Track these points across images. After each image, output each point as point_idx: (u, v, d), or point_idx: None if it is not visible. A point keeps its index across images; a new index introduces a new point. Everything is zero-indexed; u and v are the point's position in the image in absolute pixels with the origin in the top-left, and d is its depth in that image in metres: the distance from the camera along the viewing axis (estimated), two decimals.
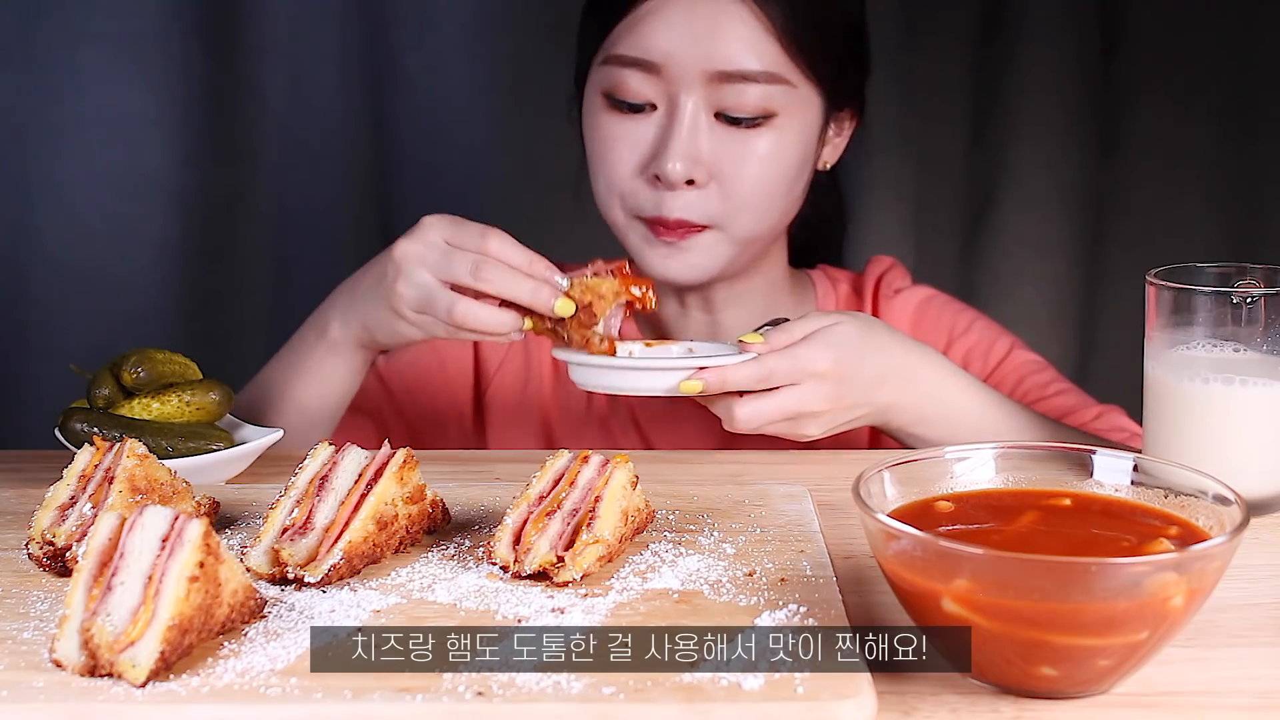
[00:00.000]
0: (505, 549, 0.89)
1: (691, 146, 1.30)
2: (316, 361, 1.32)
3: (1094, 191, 2.16)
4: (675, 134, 1.30)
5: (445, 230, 1.19)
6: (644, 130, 1.33)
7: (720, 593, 0.86)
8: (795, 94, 1.33)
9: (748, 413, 1.16)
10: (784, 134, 1.33)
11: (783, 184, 1.35)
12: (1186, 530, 0.80)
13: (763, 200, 1.34)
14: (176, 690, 0.73)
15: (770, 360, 1.15)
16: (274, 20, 2.02)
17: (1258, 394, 1.03)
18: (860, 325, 1.21)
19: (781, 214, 1.39)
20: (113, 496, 0.91)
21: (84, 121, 2.02)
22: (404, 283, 1.19)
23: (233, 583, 0.79)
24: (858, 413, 1.21)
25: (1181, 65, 2.10)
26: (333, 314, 1.31)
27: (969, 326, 1.51)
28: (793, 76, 1.32)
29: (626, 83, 1.32)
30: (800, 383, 1.16)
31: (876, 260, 1.58)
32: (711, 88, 1.30)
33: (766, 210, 1.36)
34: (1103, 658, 0.73)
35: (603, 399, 1.49)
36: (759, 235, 1.38)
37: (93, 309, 2.07)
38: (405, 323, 1.21)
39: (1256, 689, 0.78)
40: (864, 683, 0.73)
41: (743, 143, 1.32)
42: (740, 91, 1.30)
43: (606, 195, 1.37)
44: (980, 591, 0.71)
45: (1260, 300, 1.02)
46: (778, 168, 1.34)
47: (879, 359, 1.21)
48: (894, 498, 0.84)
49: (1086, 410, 1.40)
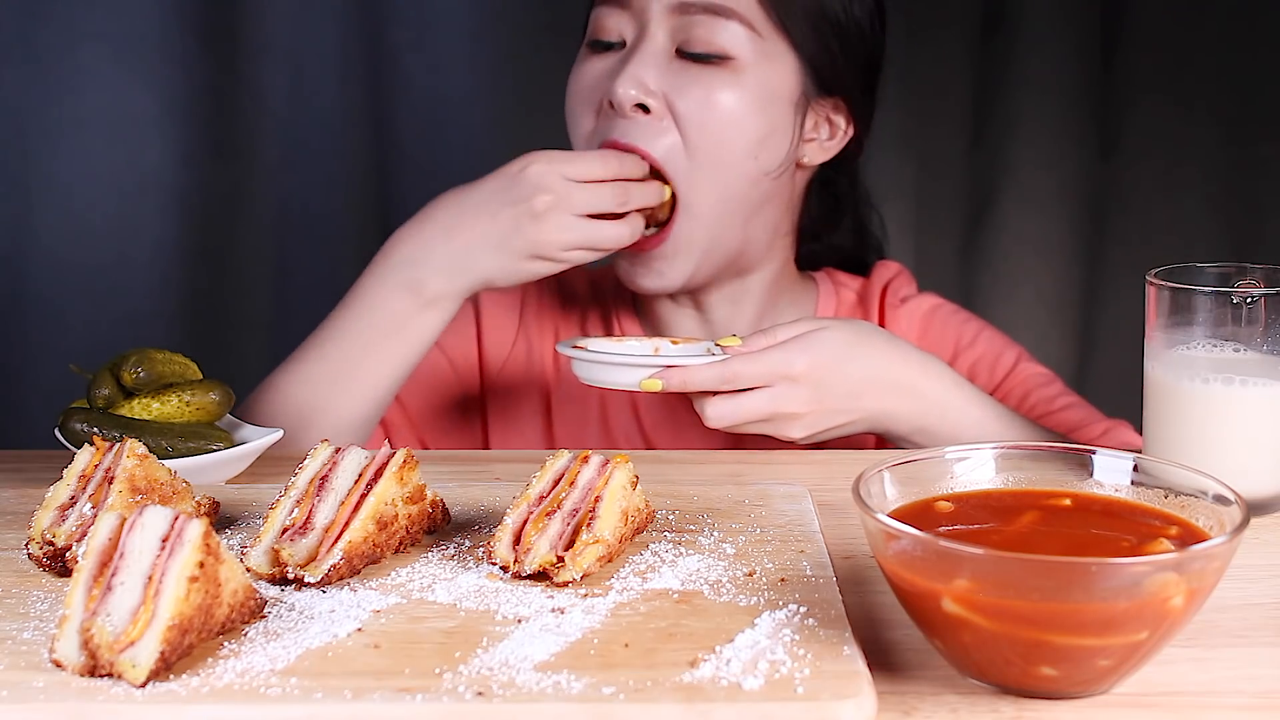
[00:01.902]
0: (505, 549, 0.89)
1: (642, 72, 1.31)
2: (406, 327, 1.30)
3: (1094, 191, 2.16)
4: (631, 60, 1.32)
5: (561, 167, 1.28)
6: (608, 65, 1.35)
7: (720, 593, 0.86)
8: (761, 45, 1.32)
9: (717, 411, 1.19)
10: (744, 82, 1.32)
11: (742, 140, 1.33)
12: (1186, 530, 0.80)
13: (722, 153, 1.33)
14: (176, 690, 0.73)
15: (735, 363, 1.18)
16: (274, 20, 2.02)
17: (1258, 394, 1.03)
18: (850, 331, 1.22)
19: (740, 188, 1.35)
20: (113, 496, 0.91)
21: (84, 121, 2.02)
22: (556, 228, 1.27)
23: (233, 583, 0.79)
24: (843, 418, 1.22)
25: (1182, 65, 2.10)
26: (425, 270, 1.29)
27: (975, 337, 1.50)
28: (760, 25, 1.32)
29: (602, 21, 1.35)
30: (772, 385, 1.18)
31: (883, 265, 1.57)
32: (674, 19, 1.32)
33: (728, 168, 1.34)
34: (1103, 658, 0.73)
35: (597, 398, 1.49)
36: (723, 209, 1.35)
37: (93, 309, 2.07)
38: (551, 263, 1.29)
39: (1256, 689, 0.78)
40: (864, 683, 0.73)
41: (699, 81, 1.32)
42: (700, 24, 1.31)
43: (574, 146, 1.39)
44: (980, 591, 0.71)
45: (1260, 300, 1.02)
46: (736, 117, 1.32)
47: (867, 365, 1.21)
48: (894, 498, 0.84)
49: (1094, 426, 1.38)
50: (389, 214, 2.12)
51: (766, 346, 1.19)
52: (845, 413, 1.22)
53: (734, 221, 1.37)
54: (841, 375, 1.20)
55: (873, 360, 1.22)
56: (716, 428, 1.20)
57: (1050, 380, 1.47)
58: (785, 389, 1.19)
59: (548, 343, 1.52)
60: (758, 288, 1.46)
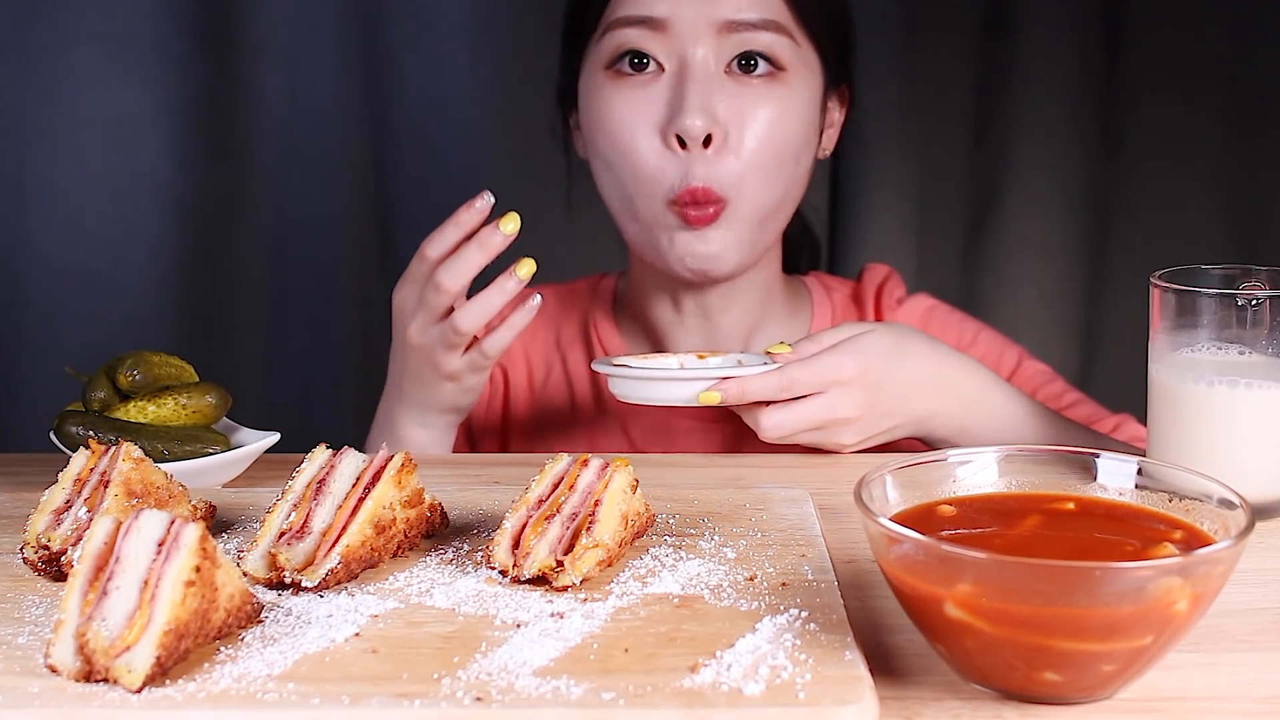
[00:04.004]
0: (504, 553, 0.89)
1: (707, 100, 1.29)
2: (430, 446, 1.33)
3: (1098, 192, 2.16)
4: (690, 88, 1.29)
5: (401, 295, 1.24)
6: (656, 93, 1.31)
7: (721, 597, 0.85)
8: (799, 52, 1.33)
9: (774, 421, 1.17)
10: (793, 91, 1.32)
11: (789, 150, 1.33)
12: (1191, 534, 0.79)
13: (770, 163, 1.32)
14: (172, 696, 0.72)
15: (792, 370, 1.17)
16: (271, 20, 2.02)
17: (1263, 397, 1.02)
18: (893, 334, 1.22)
19: (784, 191, 1.35)
20: (108, 500, 0.91)
21: (80, 122, 2.02)
22: (438, 358, 1.23)
23: (229, 587, 0.78)
24: (893, 421, 1.21)
25: (1186, 65, 2.10)
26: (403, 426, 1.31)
27: (975, 336, 1.51)
28: (796, 34, 1.32)
29: (633, 45, 1.31)
30: (826, 391, 1.17)
31: (873, 268, 1.57)
32: (719, 39, 1.30)
33: (773, 178, 1.33)
34: (1106, 663, 0.72)
35: (592, 404, 1.48)
36: (764, 211, 1.34)
37: (88, 311, 2.06)
38: (466, 379, 1.26)
39: (1261, 694, 0.77)
40: (866, 688, 0.72)
41: (754, 96, 1.31)
42: (749, 40, 1.30)
43: (634, 182, 1.33)
44: (983, 596, 0.71)
45: (1265, 302, 1.01)
46: (785, 129, 1.32)
47: (914, 366, 1.21)
48: (896, 501, 0.83)
49: (1104, 421, 1.39)
50: (387, 215, 2.11)
51: (817, 352, 1.19)
52: (894, 415, 1.21)
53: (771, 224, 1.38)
54: (891, 378, 1.19)
55: (918, 361, 1.22)
56: (773, 440, 1.19)
57: (1053, 377, 1.48)
58: (838, 394, 1.18)
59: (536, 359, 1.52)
60: (759, 290, 1.46)
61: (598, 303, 1.53)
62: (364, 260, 2.10)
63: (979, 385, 1.25)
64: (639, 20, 1.31)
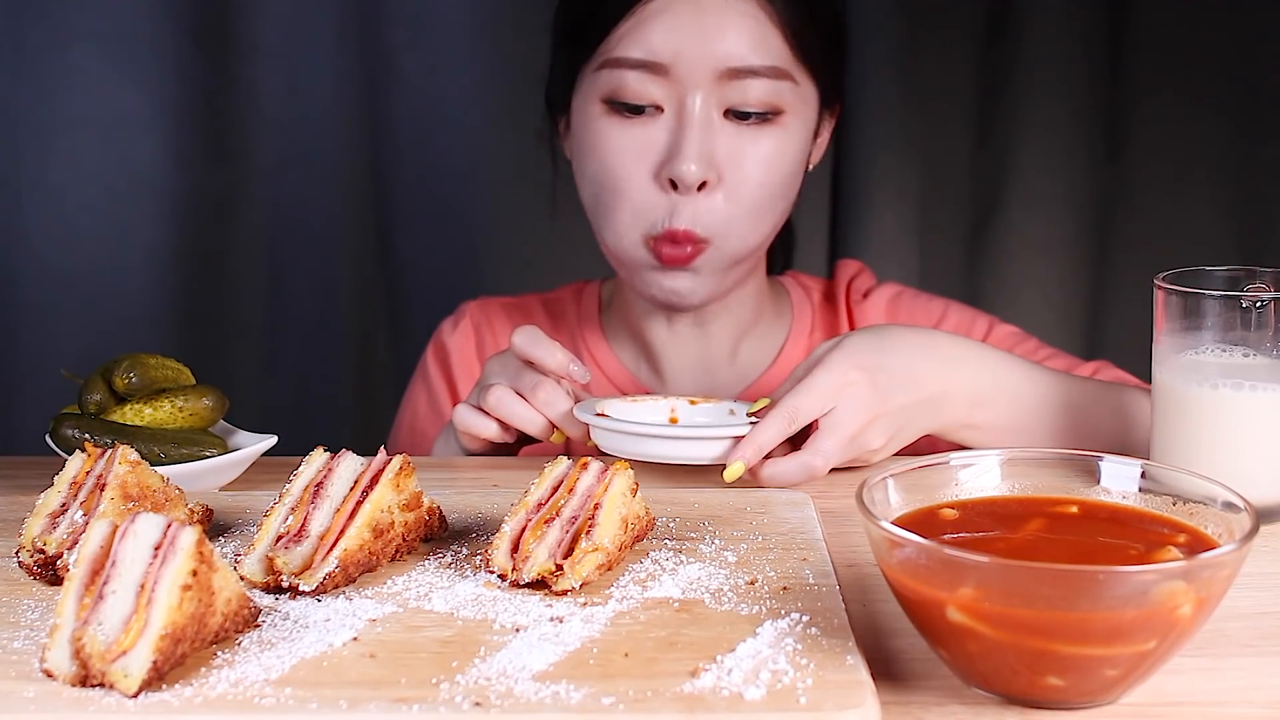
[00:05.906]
0: (503, 557, 0.88)
1: (705, 146, 1.29)
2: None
3: (1101, 194, 2.15)
4: (689, 135, 1.28)
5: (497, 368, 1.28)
6: (653, 134, 1.31)
7: (721, 601, 0.85)
8: (798, 91, 1.32)
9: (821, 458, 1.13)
10: (789, 132, 1.32)
11: (781, 187, 1.34)
12: (1195, 538, 0.79)
13: (763, 205, 1.33)
14: (169, 700, 0.72)
15: (790, 400, 1.13)
16: (268, 21, 2.01)
17: (1267, 399, 1.02)
18: (869, 330, 1.21)
19: (771, 226, 1.37)
20: (104, 504, 0.90)
21: (76, 123, 2.01)
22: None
23: (226, 591, 0.78)
24: (909, 411, 1.17)
25: (1189, 66, 2.09)
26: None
27: (944, 313, 1.52)
28: (796, 73, 1.32)
29: (631, 85, 1.30)
30: (834, 404, 1.14)
31: (844, 264, 1.59)
32: (720, 85, 1.29)
33: (762, 219, 1.34)
34: (1110, 667, 0.72)
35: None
36: (749, 250, 1.35)
37: (84, 313, 2.06)
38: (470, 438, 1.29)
39: (1266, 699, 0.77)
40: (867, 692, 0.72)
41: (750, 140, 1.31)
42: (748, 88, 1.29)
43: (616, 213, 1.33)
44: (985, 600, 0.70)
45: (1270, 304, 1.01)
46: (779, 169, 1.33)
47: (902, 349, 1.18)
48: (898, 505, 0.83)
49: (1082, 368, 1.41)
50: (384, 216, 2.11)
51: (802, 377, 1.16)
52: (911, 407, 1.17)
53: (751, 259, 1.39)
54: (887, 365, 1.16)
55: (904, 344, 1.19)
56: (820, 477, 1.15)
57: (1025, 336, 1.49)
58: (847, 398, 1.14)
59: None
60: (749, 295, 1.48)
61: (584, 314, 1.54)
62: (361, 262, 2.10)
63: (975, 352, 1.21)
64: (638, 63, 1.29)
